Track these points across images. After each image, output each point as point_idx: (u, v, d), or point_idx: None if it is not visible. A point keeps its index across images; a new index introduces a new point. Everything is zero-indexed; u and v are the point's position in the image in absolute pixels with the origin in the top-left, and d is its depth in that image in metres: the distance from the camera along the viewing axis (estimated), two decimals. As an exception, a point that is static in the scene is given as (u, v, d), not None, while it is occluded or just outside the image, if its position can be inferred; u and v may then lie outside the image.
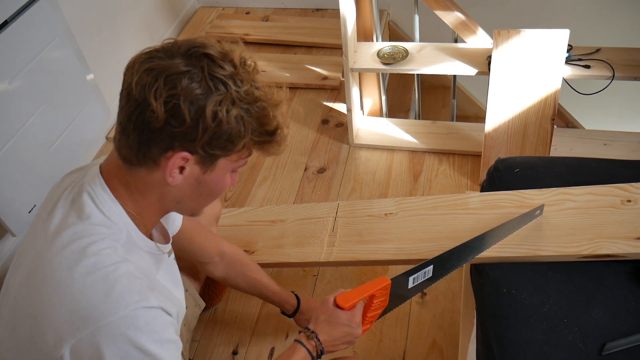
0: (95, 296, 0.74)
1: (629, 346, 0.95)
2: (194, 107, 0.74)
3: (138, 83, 0.74)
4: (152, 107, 0.73)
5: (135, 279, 0.78)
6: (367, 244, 1.29)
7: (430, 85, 2.83)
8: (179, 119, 0.74)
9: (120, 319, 0.73)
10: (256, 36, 2.64)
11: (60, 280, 0.75)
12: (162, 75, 0.74)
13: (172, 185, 0.81)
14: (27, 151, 1.62)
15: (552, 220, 1.17)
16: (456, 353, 1.41)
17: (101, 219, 0.81)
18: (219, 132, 0.76)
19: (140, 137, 0.76)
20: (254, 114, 0.79)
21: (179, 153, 0.77)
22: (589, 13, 2.42)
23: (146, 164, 0.79)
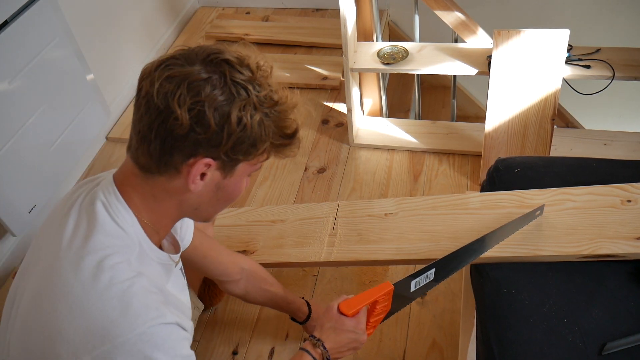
0: (112, 313, 0.73)
1: (629, 346, 0.95)
2: (218, 113, 0.74)
3: (159, 91, 0.74)
4: (176, 114, 0.73)
5: (151, 294, 0.78)
6: (367, 244, 1.29)
7: (430, 85, 2.83)
8: (204, 125, 0.74)
9: (137, 336, 0.73)
10: (256, 36, 2.64)
11: (76, 297, 0.74)
12: (185, 82, 0.74)
13: (193, 192, 0.81)
14: (27, 151, 1.62)
15: (552, 220, 1.17)
16: (456, 353, 1.41)
17: (114, 229, 0.80)
18: (243, 137, 0.77)
19: (163, 145, 0.76)
20: (274, 117, 0.80)
21: (202, 159, 0.77)
22: (589, 13, 2.42)
23: (167, 172, 0.79)
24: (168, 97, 0.74)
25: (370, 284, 1.62)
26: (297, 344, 1.50)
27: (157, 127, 0.75)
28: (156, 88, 0.74)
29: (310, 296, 1.60)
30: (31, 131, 1.62)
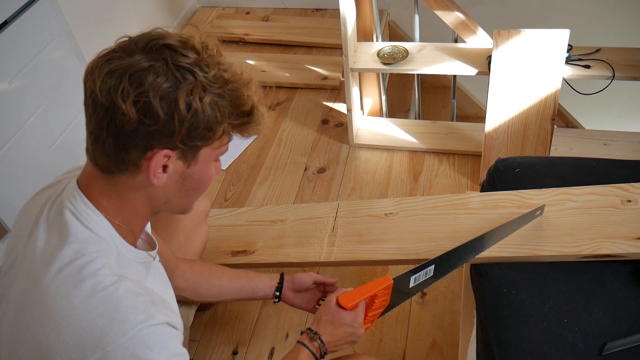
0: (100, 321, 0.72)
1: (629, 346, 0.95)
2: (165, 102, 0.72)
3: (102, 88, 0.72)
4: (122, 109, 0.71)
5: (137, 295, 0.76)
6: (367, 244, 1.29)
7: (430, 85, 2.83)
8: (152, 116, 0.72)
9: (129, 339, 0.72)
10: (256, 36, 2.64)
11: (61, 309, 0.73)
12: (126, 75, 0.71)
13: (157, 185, 0.79)
14: (27, 151, 1.62)
15: (552, 220, 1.17)
16: (456, 353, 1.41)
17: (89, 236, 0.78)
18: (195, 122, 0.74)
19: (116, 143, 0.73)
20: (227, 97, 0.77)
21: (159, 152, 0.75)
22: (589, 13, 2.42)
23: (127, 170, 0.77)
24: (111, 93, 0.71)
25: (370, 284, 1.62)
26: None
27: (106, 125, 0.73)
28: (98, 85, 0.72)
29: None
30: (31, 131, 1.62)
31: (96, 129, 0.74)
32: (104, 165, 0.77)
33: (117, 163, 0.76)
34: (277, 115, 2.27)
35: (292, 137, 2.16)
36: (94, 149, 0.76)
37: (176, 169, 0.79)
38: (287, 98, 2.34)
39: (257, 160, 2.08)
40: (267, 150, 2.11)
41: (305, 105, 2.30)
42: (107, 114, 0.72)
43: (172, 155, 0.76)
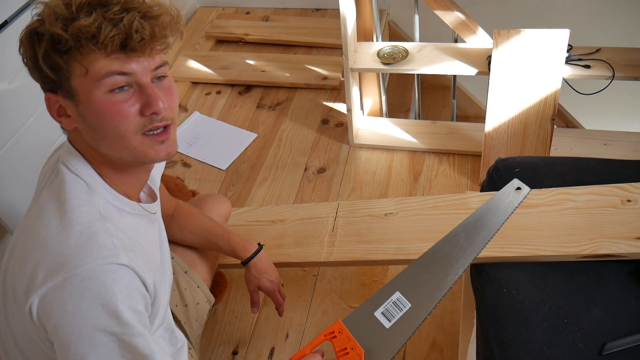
0: (67, 250, 0.75)
1: (629, 346, 0.95)
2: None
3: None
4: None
5: (111, 237, 0.78)
6: (367, 244, 1.29)
7: (430, 85, 2.83)
8: (28, 68, 0.82)
9: (86, 271, 0.74)
10: (256, 36, 2.64)
11: (38, 236, 0.78)
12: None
13: (70, 129, 0.84)
14: (27, 151, 1.62)
15: (552, 220, 1.17)
16: (456, 353, 1.41)
17: (74, 179, 0.83)
18: (30, 60, 0.79)
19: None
20: (41, 17, 0.78)
21: (45, 97, 0.82)
22: (589, 13, 2.42)
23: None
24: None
25: (370, 284, 1.62)
26: (297, 343, 1.50)
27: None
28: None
29: (310, 296, 1.60)
30: (31, 131, 1.62)
31: None
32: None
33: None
34: (277, 115, 2.27)
35: (292, 137, 2.16)
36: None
37: (73, 111, 0.81)
38: (287, 98, 2.34)
39: (257, 160, 2.08)
40: (267, 150, 2.11)
41: (305, 105, 2.30)
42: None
43: (56, 97, 0.81)
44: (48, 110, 0.83)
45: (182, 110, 2.32)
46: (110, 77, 0.77)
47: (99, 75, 0.77)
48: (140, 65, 0.79)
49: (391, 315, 0.90)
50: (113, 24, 0.75)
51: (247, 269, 1.27)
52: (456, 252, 0.96)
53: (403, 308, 0.90)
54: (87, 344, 0.73)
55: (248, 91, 2.39)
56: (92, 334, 0.73)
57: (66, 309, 0.73)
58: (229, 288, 1.62)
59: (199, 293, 1.25)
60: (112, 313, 0.74)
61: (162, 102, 0.80)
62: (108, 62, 0.76)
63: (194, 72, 2.45)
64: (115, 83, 0.78)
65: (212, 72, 2.44)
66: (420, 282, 0.93)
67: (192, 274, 1.25)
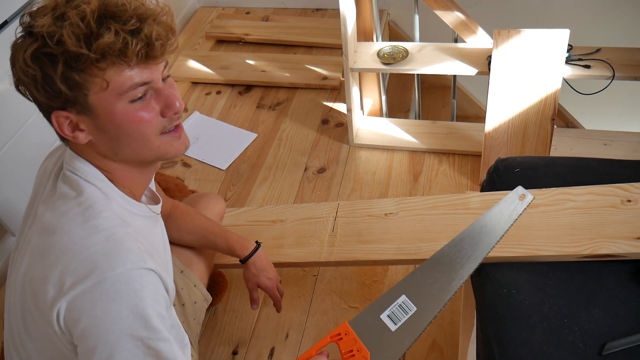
0: (94, 256, 0.76)
1: (629, 346, 0.95)
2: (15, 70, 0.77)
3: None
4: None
5: (135, 241, 0.80)
6: (367, 244, 1.29)
7: (430, 85, 2.83)
8: (29, 90, 0.79)
9: (116, 275, 0.75)
10: (256, 36, 2.64)
11: (62, 244, 0.77)
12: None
13: (84, 143, 0.82)
14: (27, 151, 1.62)
15: (552, 220, 1.17)
16: (456, 353, 1.41)
17: (88, 186, 0.83)
18: (39, 82, 0.76)
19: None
20: (47, 37, 0.73)
21: (53, 115, 0.79)
22: (589, 13, 2.42)
23: (63, 139, 0.85)
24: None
25: (370, 284, 1.62)
26: (297, 343, 1.50)
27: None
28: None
29: (310, 296, 1.60)
30: (31, 131, 1.62)
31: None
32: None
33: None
34: (277, 115, 2.27)
35: (292, 137, 2.16)
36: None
37: (88, 124, 0.80)
38: (287, 98, 2.34)
39: (257, 160, 2.08)
40: (267, 150, 2.11)
41: (305, 105, 2.30)
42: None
43: (67, 114, 0.79)
44: (58, 129, 0.81)
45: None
46: (135, 90, 0.78)
47: (122, 89, 0.77)
48: (157, 71, 0.81)
49: (397, 319, 0.91)
50: (136, 36, 0.75)
51: (245, 267, 1.27)
52: (461, 257, 0.97)
53: (409, 311, 0.91)
54: (114, 348, 0.74)
55: (248, 91, 2.39)
56: (119, 338, 0.74)
57: (95, 313, 0.74)
58: (228, 288, 1.62)
59: (195, 292, 1.26)
60: (140, 317, 0.75)
61: (179, 101, 0.83)
62: (131, 75, 0.77)
63: (194, 72, 2.45)
64: (139, 93, 0.79)
65: (212, 72, 2.44)
66: (425, 286, 0.94)
67: (188, 273, 1.26)
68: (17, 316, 0.86)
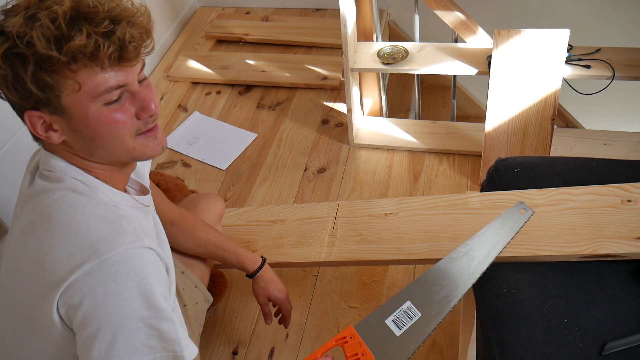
0: (89, 239, 0.76)
1: (629, 346, 0.95)
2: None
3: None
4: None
5: (130, 222, 0.80)
6: (367, 244, 1.29)
7: (430, 85, 2.83)
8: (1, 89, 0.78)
9: (114, 256, 0.75)
10: (256, 36, 2.64)
11: (63, 224, 0.77)
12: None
13: (57, 142, 0.81)
14: (27, 151, 1.62)
15: (552, 220, 1.17)
16: (456, 353, 1.41)
17: (72, 180, 0.83)
18: (9, 82, 0.74)
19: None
20: (17, 38, 0.71)
21: (26, 115, 0.78)
22: (589, 13, 2.42)
23: (37, 139, 0.84)
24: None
25: (371, 284, 1.62)
26: (297, 343, 1.50)
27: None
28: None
29: (310, 296, 1.60)
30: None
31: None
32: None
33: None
34: (277, 115, 2.27)
35: (292, 137, 2.16)
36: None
37: (62, 125, 0.79)
38: (287, 98, 2.34)
39: (257, 160, 2.08)
40: (267, 150, 2.11)
41: (305, 105, 2.30)
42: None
43: (40, 114, 0.77)
44: (31, 129, 0.79)
45: (182, 110, 2.32)
46: (108, 93, 0.77)
47: (96, 92, 0.76)
48: (132, 73, 0.79)
49: (402, 324, 0.92)
50: (107, 38, 0.73)
51: (254, 282, 1.28)
52: (466, 267, 1.01)
53: (413, 317, 0.93)
54: (116, 331, 0.73)
55: (248, 91, 2.39)
56: (121, 320, 0.74)
57: (96, 295, 0.73)
58: (229, 288, 1.62)
59: (197, 293, 1.26)
60: (141, 296, 0.75)
61: (154, 103, 0.82)
62: (105, 78, 0.75)
63: (194, 72, 2.45)
64: (114, 97, 0.78)
65: (212, 72, 2.44)
66: (430, 293, 0.96)
67: (189, 274, 1.25)
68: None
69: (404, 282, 1.61)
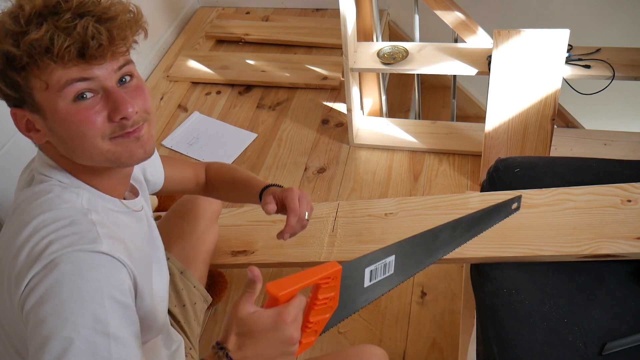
0: (45, 242, 0.71)
1: (629, 346, 0.95)
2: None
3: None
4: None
5: (94, 225, 0.75)
6: (367, 244, 1.29)
7: (430, 85, 2.82)
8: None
9: (65, 257, 0.69)
10: (256, 36, 2.64)
11: (26, 227, 0.74)
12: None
13: (40, 144, 0.80)
14: (27, 151, 1.62)
15: (552, 220, 1.17)
16: (456, 353, 1.41)
17: (54, 184, 0.80)
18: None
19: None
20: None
21: (10, 112, 0.78)
22: (589, 13, 2.42)
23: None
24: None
25: (370, 284, 1.62)
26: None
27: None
28: None
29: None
30: (31, 131, 1.62)
31: None
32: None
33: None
34: (277, 115, 2.27)
35: (292, 137, 2.16)
36: None
37: (41, 125, 0.78)
38: (287, 98, 2.34)
39: (257, 160, 2.07)
40: (267, 150, 2.11)
41: (305, 105, 2.30)
42: None
43: (23, 112, 0.77)
44: (16, 126, 0.79)
45: (182, 111, 2.32)
46: (71, 85, 0.73)
47: (58, 86, 0.73)
48: (103, 69, 0.74)
49: (375, 276, 0.83)
50: (66, 33, 0.70)
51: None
52: (454, 237, 0.95)
53: (386, 272, 0.85)
54: (51, 333, 0.66)
55: (248, 91, 2.39)
56: (61, 324, 0.66)
57: (43, 299, 0.67)
58: (228, 288, 1.61)
59: (195, 293, 1.26)
60: (80, 302, 0.67)
61: (132, 106, 0.76)
62: (66, 72, 0.72)
63: (194, 72, 2.45)
64: (78, 90, 0.74)
65: (212, 72, 2.43)
66: (412, 253, 0.89)
67: (187, 274, 1.25)
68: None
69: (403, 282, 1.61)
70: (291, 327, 0.68)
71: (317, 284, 0.72)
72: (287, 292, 0.68)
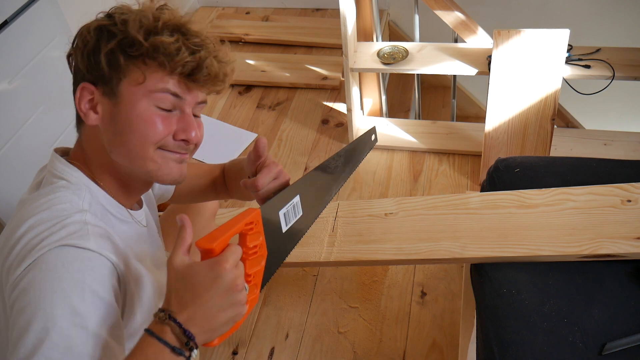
0: (36, 239, 0.72)
1: (629, 346, 0.95)
2: (80, 35, 0.81)
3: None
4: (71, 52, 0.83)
5: (86, 224, 0.75)
6: (367, 244, 1.29)
7: (430, 85, 2.83)
8: (76, 50, 0.81)
9: (52, 253, 0.70)
10: (256, 36, 2.64)
11: (22, 228, 0.74)
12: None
13: (90, 124, 0.82)
14: (27, 151, 1.62)
15: (552, 220, 1.17)
16: (456, 353, 1.41)
17: (61, 182, 0.82)
18: (95, 47, 0.79)
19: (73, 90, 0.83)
20: (118, 19, 0.79)
21: (81, 85, 0.80)
22: (589, 13, 2.42)
23: (77, 117, 0.85)
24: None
25: (370, 284, 1.62)
26: (297, 343, 1.50)
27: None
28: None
29: (310, 296, 1.60)
30: (31, 131, 1.62)
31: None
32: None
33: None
34: (277, 115, 2.27)
35: (292, 137, 2.16)
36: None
37: (105, 109, 0.81)
38: (287, 98, 2.34)
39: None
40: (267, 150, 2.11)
41: (305, 105, 2.30)
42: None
43: (94, 89, 0.80)
44: (77, 99, 0.81)
45: (182, 110, 2.32)
46: (164, 94, 0.80)
47: (153, 87, 0.79)
48: (193, 96, 0.83)
49: (289, 219, 0.86)
50: (190, 51, 0.79)
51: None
52: (338, 172, 1.01)
53: (297, 214, 0.88)
54: (31, 318, 0.66)
55: (248, 91, 2.39)
56: (46, 315, 0.66)
57: (27, 289, 0.67)
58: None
59: None
60: (61, 293, 0.67)
61: (196, 132, 0.84)
62: (167, 80, 0.79)
63: (194, 72, 2.45)
64: (167, 102, 0.80)
65: (212, 72, 2.43)
66: (312, 191, 0.92)
67: None
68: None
69: (404, 282, 1.62)
70: (232, 272, 0.66)
71: (243, 232, 0.73)
72: (219, 242, 0.67)
